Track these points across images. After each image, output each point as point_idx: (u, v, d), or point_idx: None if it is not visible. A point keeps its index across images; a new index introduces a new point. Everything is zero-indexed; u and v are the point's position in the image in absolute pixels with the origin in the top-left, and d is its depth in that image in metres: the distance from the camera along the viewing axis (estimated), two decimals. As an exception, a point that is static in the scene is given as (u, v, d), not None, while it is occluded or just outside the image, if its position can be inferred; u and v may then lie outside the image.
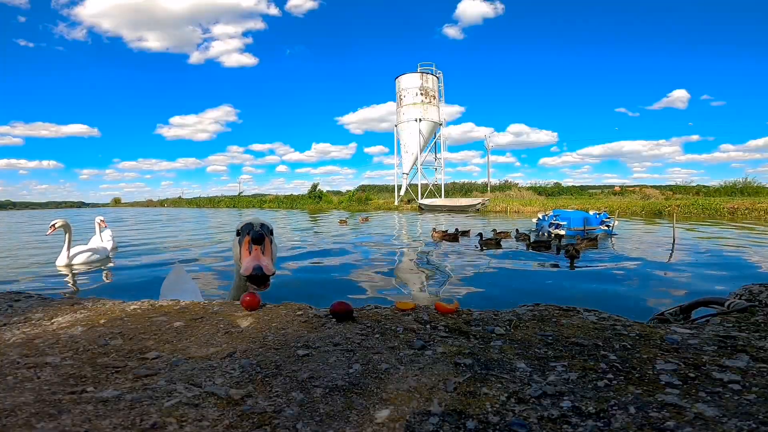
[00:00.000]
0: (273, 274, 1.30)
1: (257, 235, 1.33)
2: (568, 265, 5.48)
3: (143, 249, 7.78)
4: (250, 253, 1.33)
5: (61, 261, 5.51)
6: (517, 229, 8.17)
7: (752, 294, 1.34)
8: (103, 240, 6.73)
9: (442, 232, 8.33)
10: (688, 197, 22.94)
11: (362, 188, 45.26)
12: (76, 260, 5.61)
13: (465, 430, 0.60)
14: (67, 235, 5.54)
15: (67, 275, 5.15)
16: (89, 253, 5.79)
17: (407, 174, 31.37)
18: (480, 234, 7.93)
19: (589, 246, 6.45)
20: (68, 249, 5.54)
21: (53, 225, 5.51)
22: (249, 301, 1.24)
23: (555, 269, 5.24)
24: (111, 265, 5.92)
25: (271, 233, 1.44)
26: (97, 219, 7.01)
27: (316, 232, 11.22)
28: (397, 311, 1.19)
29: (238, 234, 1.44)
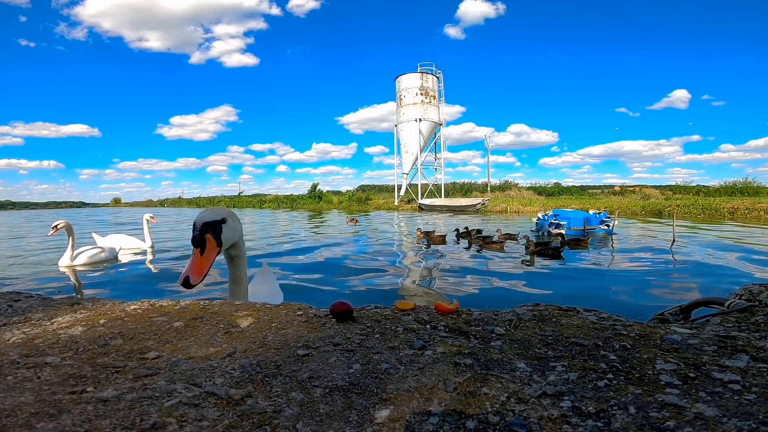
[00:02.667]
0: (201, 279, 1.31)
1: (193, 239, 1.37)
2: (530, 262, 5.50)
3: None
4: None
5: (64, 261, 5.50)
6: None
7: (752, 294, 1.34)
8: (149, 239, 6.45)
9: (439, 235, 8.30)
10: (688, 197, 22.93)
11: (362, 188, 45.27)
12: (80, 260, 5.59)
13: (465, 430, 0.60)
14: (70, 237, 5.52)
15: (70, 276, 5.14)
16: (93, 253, 5.76)
17: (407, 174, 31.37)
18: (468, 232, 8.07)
19: (576, 247, 6.56)
20: (72, 249, 5.53)
21: (55, 226, 5.45)
22: None
23: (555, 270, 5.24)
24: (121, 263, 5.90)
25: (221, 222, 1.46)
26: (146, 216, 6.62)
27: (317, 232, 11.22)
28: (397, 311, 1.18)
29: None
